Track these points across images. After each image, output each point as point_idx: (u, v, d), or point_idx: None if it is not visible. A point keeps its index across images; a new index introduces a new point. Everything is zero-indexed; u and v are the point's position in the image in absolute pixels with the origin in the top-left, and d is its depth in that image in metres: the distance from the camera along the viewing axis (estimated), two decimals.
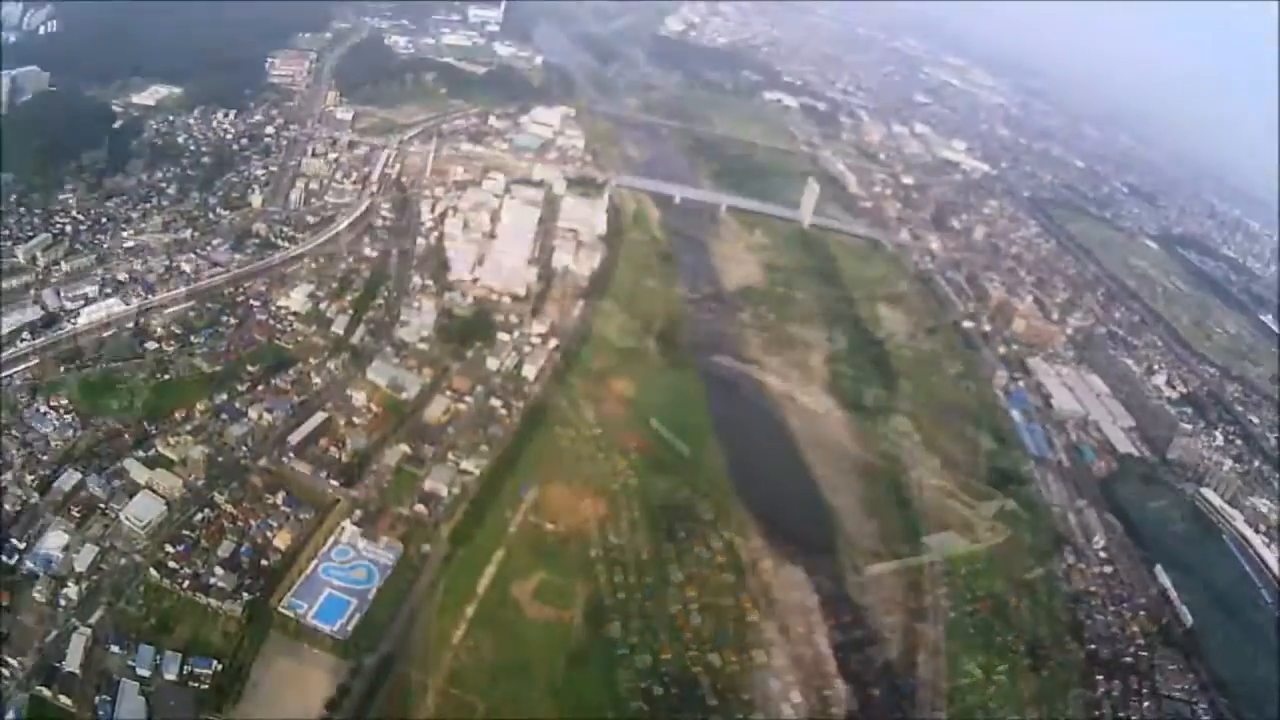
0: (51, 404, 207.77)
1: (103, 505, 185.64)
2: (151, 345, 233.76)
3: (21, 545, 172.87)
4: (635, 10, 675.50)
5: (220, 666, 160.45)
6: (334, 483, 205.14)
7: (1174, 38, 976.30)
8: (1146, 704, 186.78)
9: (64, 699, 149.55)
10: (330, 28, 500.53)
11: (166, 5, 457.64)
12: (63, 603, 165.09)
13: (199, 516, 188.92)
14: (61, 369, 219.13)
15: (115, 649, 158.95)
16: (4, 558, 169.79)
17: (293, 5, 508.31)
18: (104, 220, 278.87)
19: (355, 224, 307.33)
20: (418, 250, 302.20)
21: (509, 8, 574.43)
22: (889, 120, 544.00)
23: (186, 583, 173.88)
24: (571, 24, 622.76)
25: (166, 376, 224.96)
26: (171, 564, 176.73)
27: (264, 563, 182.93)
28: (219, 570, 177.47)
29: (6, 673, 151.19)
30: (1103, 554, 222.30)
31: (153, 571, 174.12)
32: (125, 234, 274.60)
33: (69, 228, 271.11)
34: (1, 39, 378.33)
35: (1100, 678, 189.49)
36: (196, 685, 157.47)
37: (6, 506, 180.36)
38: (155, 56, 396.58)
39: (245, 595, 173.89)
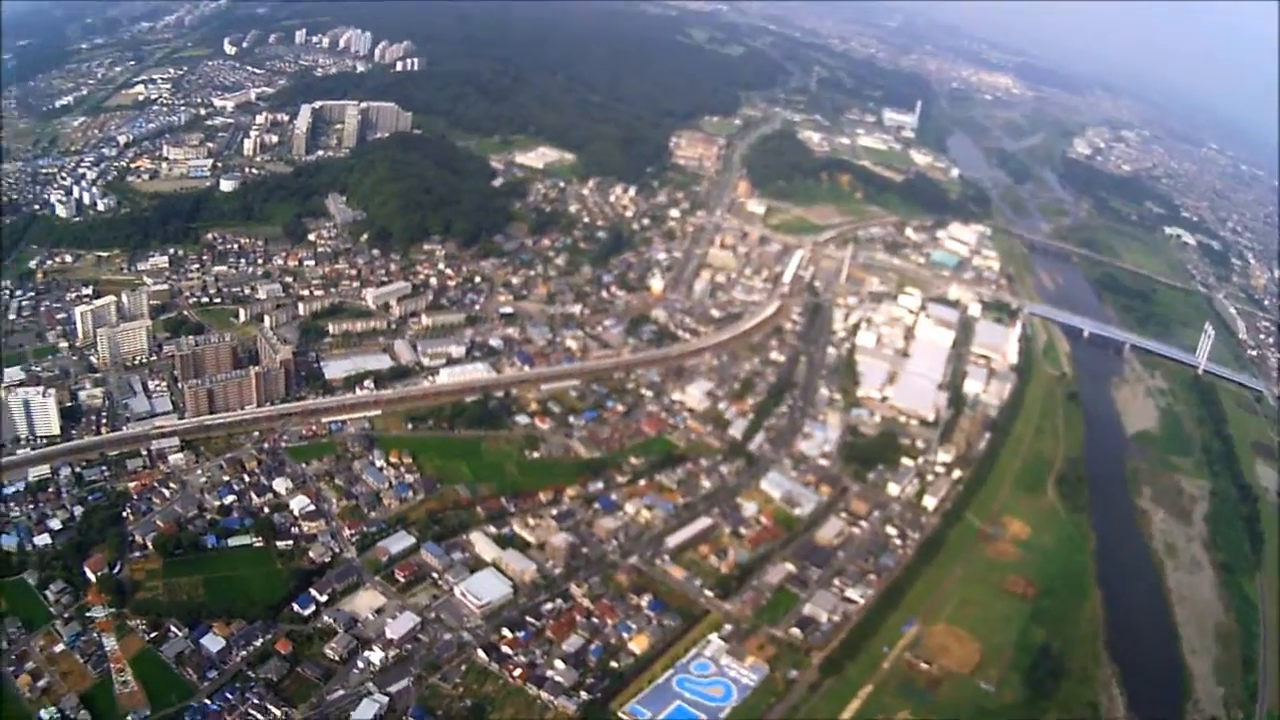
0: (390, 460, 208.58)
1: (436, 575, 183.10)
2: (522, 419, 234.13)
3: (322, 598, 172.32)
4: (1045, 127, 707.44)
5: None
6: (708, 593, 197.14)
7: None
8: None
9: None
10: (739, 114, 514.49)
11: (553, 62, 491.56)
12: (360, 665, 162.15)
13: (549, 605, 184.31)
14: (409, 426, 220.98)
15: None
16: (296, 606, 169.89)
17: (699, 85, 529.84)
18: (478, 280, 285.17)
19: (763, 324, 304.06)
20: (827, 360, 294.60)
21: (923, 114, 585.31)
22: (1273, 265, 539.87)
23: (518, 671, 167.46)
24: (984, 137, 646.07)
25: (535, 454, 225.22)
26: (505, 649, 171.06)
27: (613, 664, 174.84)
28: (559, 664, 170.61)
29: None
30: None
31: (481, 653, 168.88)
32: (502, 298, 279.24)
33: (434, 280, 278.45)
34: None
35: None
36: None
37: (312, 555, 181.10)
38: (541, 117, 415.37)
39: (583, 694, 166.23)
